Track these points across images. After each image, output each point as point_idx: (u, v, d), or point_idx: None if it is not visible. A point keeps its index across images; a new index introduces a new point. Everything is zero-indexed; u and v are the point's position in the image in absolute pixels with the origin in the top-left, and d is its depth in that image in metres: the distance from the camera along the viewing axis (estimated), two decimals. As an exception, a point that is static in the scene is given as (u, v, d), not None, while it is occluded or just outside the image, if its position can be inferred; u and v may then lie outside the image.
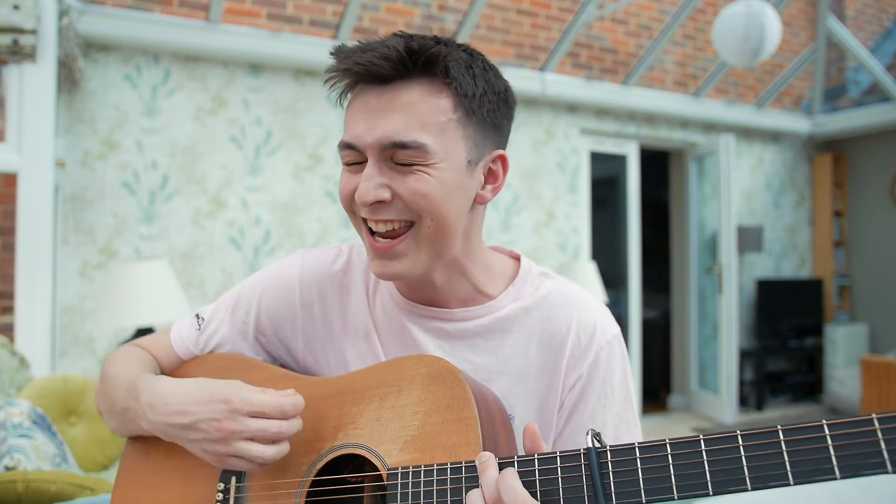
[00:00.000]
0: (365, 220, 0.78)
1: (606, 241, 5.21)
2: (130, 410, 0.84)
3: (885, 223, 5.60)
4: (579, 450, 0.64)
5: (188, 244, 3.46)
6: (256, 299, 0.94)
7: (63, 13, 2.87)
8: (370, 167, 0.75)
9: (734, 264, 4.92)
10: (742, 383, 5.33)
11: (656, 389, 5.55)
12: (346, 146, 0.77)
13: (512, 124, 0.85)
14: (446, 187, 0.76)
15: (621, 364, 0.86)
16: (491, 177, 0.83)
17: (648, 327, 5.37)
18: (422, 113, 0.74)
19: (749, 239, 5.34)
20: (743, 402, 5.35)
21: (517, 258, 0.92)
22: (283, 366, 0.95)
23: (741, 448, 0.57)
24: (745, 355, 5.33)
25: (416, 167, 0.75)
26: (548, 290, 0.88)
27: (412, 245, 0.77)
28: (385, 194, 0.75)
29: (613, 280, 5.08)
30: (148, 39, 3.31)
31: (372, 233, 0.78)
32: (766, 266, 5.71)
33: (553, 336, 0.85)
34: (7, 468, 1.39)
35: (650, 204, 5.89)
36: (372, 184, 0.74)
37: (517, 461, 0.65)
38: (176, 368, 0.96)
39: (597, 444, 0.63)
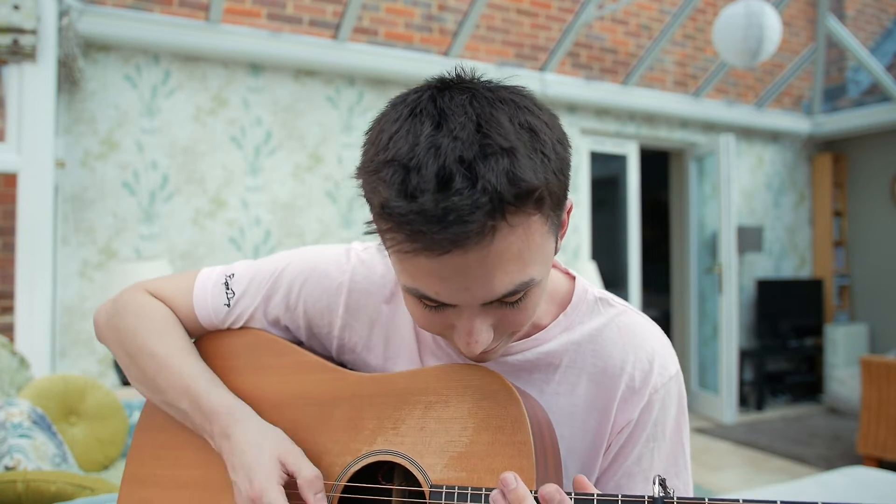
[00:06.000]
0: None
1: (606, 241, 5.21)
2: (188, 418, 0.81)
3: (885, 223, 5.60)
4: (644, 497, 0.60)
5: (188, 244, 3.46)
6: (296, 293, 0.85)
7: (63, 13, 2.87)
8: (472, 318, 0.65)
9: (734, 264, 4.92)
10: (742, 383, 5.33)
11: (656, 389, 5.54)
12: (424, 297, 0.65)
13: None
14: (545, 283, 0.68)
15: (678, 405, 0.79)
16: (561, 228, 0.71)
17: (648, 327, 5.36)
18: (522, 252, 0.61)
19: (749, 239, 5.34)
20: (743, 402, 5.35)
21: (572, 277, 0.83)
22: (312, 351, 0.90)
23: None
24: (745, 355, 5.33)
25: (524, 295, 0.66)
26: (604, 321, 0.79)
27: (506, 340, 0.71)
28: (493, 334, 0.67)
29: (613, 280, 5.08)
30: (148, 39, 3.31)
31: None
32: (766, 266, 5.71)
33: (605, 373, 0.77)
34: (7, 468, 1.39)
35: (650, 204, 5.89)
36: (483, 337, 0.65)
37: (575, 498, 0.62)
38: (204, 339, 0.90)
39: (662, 494, 0.59)
